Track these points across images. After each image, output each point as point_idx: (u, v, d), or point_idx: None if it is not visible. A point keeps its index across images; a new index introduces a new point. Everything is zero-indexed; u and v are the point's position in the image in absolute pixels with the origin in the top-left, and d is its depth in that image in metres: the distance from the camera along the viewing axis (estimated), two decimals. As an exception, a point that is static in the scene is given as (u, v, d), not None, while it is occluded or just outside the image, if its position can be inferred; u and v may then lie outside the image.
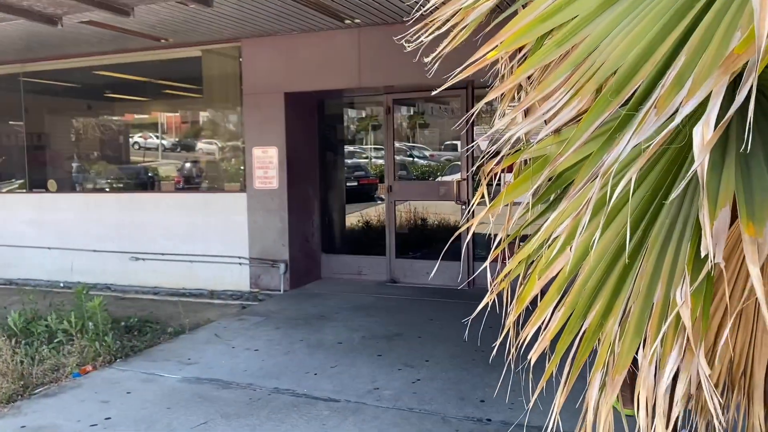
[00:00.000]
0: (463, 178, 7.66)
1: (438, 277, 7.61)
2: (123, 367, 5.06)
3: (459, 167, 8.63)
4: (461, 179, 7.66)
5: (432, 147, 9.23)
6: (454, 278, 7.53)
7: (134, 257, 8.45)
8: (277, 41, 7.52)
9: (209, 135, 9.13)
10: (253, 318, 6.48)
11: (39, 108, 9.80)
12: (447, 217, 8.81)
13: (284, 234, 7.65)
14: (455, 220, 8.25)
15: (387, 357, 5.16)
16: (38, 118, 9.85)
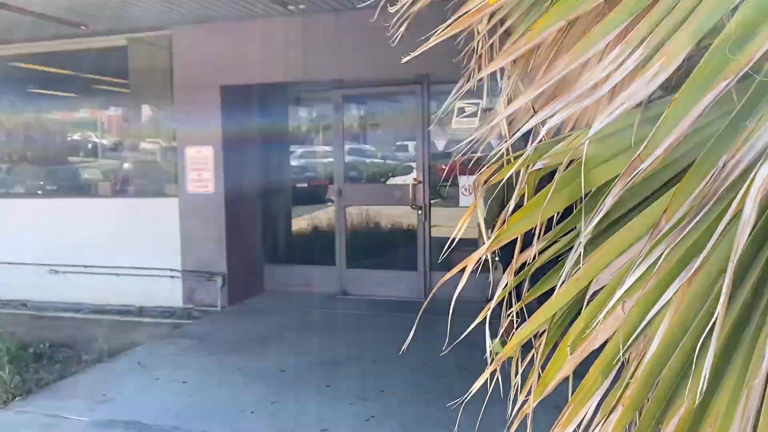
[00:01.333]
0: (418, 180, 7.05)
1: (393, 288, 6.99)
2: (22, 408, 4.24)
3: (411, 168, 8.03)
4: (416, 182, 7.04)
5: (385, 147, 8.59)
6: (411, 290, 6.93)
7: (53, 270, 7.52)
8: (211, 29, 6.75)
9: (138, 134, 8.27)
10: (184, 341, 5.71)
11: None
12: (401, 222, 8.20)
13: (221, 243, 6.88)
14: (410, 224, 7.65)
15: (337, 388, 4.49)
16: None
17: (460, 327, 1.68)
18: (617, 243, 1.05)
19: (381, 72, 6.41)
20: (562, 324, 1.22)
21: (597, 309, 1.06)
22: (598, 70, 0.91)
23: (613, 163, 1.08)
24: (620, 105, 0.88)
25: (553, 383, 1.11)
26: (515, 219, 1.12)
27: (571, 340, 1.08)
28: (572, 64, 0.96)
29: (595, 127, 0.89)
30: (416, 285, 6.97)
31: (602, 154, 1.09)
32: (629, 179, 0.89)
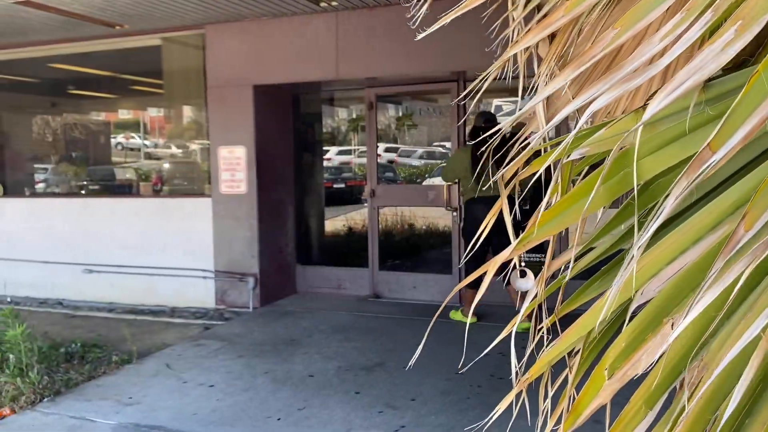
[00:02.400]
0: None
1: (426, 291, 6.82)
2: (49, 408, 4.21)
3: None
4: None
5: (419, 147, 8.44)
6: (445, 293, 6.72)
7: (88, 269, 7.57)
8: (244, 27, 6.69)
9: (172, 134, 8.29)
10: (213, 343, 5.64)
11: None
12: (436, 224, 8.02)
13: (254, 244, 6.81)
14: (445, 225, 7.47)
15: (366, 395, 4.34)
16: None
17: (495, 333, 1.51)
18: (668, 248, 0.87)
19: (415, 70, 6.26)
20: (600, 343, 1.05)
21: (642, 327, 0.88)
22: (654, 42, 0.74)
23: (664, 154, 0.90)
24: (685, 80, 0.71)
25: (587, 412, 0.94)
26: (546, 218, 0.95)
27: (609, 363, 0.91)
28: (621, 37, 0.79)
29: (652, 107, 0.72)
30: (450, 289, 6.76)
31: (650, 143, 0.92)
32: (696, 175, 0.72)
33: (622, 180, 0.88)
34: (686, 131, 0.81)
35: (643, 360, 0.86)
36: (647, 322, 0.86)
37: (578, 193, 0.89)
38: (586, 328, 0.93)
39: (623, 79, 0.76)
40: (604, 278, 1.05)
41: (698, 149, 0.84)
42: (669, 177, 0.93)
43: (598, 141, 0.93)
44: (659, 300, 0.86)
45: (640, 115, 0.92)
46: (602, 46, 0.81)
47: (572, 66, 0.84)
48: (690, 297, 0.83)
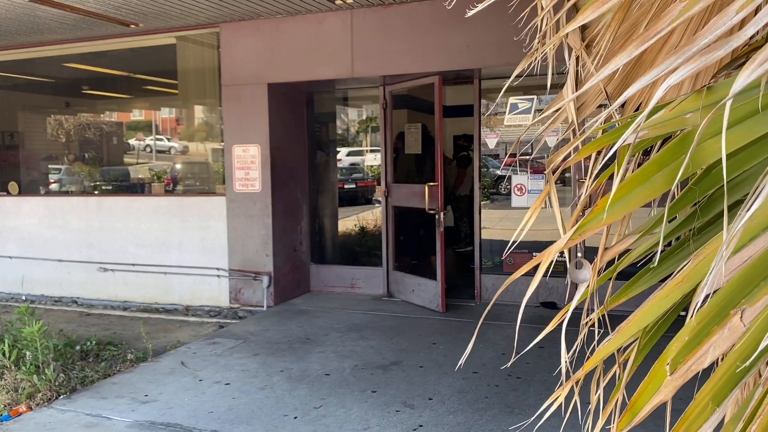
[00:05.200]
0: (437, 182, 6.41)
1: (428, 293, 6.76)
2: (65, 406, 4.20)
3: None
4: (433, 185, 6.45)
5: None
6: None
7: (103, 268, 7.59)
8: (259, 25, 6.67)
9: (187, 133, 8.29)
10: (228, 341, 5.62)
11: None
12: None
13: (268, 243, 6.79)
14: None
15: (383, 393, 4.31)
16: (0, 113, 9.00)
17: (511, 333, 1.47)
18: (735, 236, 0.83)
19: (430, 68, 6.21)
20: (655, 336, 1.00)
21: (707, 319, 0.84)
22: (730, 14, 0.70)
23: (730, 136, 0.86)
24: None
25: (647, 409, 0.89)
26: (601, 207, 0.91)
27: (671, 357, 0.86)
28: (690, 10, 0.75)
29: (742, 78, 0.67)
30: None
31: (713, 125, 0.87)
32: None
33: (677, 168, 0.83)
34: (758, 109, 0.77)
35: (710, 354, 0.82)
36: (713, 314, 0.82)
37: (640, 177, 0.85)
38: (645, 320, 0.89)
39: (701, 51, 0.72)
40: (657, 270, 1.01)
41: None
42: (733, 161, 0.89)
43: (657, 123, 0.89)
44: (726, 290, 0.82)
45: (701, 96, 0.88)
46: (668, 19, 0.77)
47: (636, 42, 0.80)
48: (761, 287, 0.79)
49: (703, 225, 0.91)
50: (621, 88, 1.62)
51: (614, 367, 1.07)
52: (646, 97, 1.52)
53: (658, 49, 1.21)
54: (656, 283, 1.00)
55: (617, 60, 0.84)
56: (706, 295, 0.87)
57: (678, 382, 0.86)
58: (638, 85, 0.79)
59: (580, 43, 1.61)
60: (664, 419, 0.99)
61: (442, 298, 6.31)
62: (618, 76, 1.60)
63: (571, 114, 1.59)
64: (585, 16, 0.94)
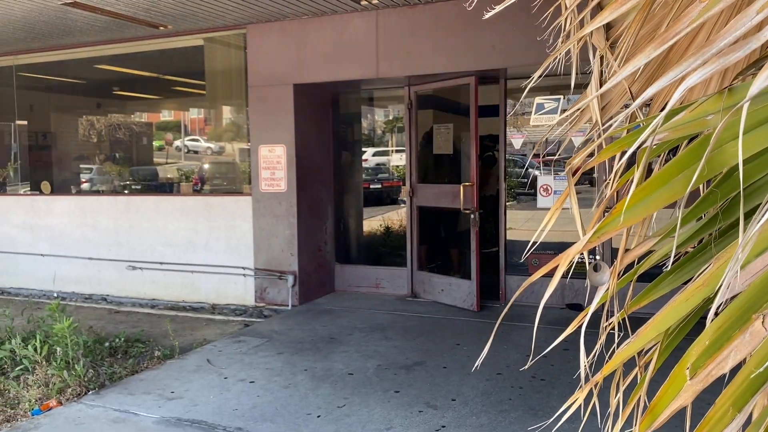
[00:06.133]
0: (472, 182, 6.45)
1: (460, 292, 6.74)
2: (94, 401, 4.28)
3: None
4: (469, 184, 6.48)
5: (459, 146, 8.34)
6: (483, 293, 6.66)
7: (131, 266, 7.72)
8: (286, 26, 6.72)
9: (214, 133, 8.39)
10: (253, 339, 5.67)
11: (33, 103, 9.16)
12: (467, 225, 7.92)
13: (293, 242, 6.84)
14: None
15: (406, 394, 4.31)
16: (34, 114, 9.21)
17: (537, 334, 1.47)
18: (757, 239, 0.82)
19: (455, 68, 6.20)
20: (676, 339, 0.99)
21: (728, 323, 0.83)
22: (750, 15, 0.69)
23: (749, 139, 0.85)
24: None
25: (667, 413, 0.88)
26: (619, 210, 0.90)
27: (691, 361, 0.86)
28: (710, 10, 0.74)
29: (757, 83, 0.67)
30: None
31: (734, 127, 0.86)
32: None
33: (707, 166, 0.82)
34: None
35: (730, 359, 0.81)
36: (734, 318, 0.81)
37: (659, 180, 0.84)
38: (665, 324, 0.88)
39: (719, 53, 0.71)
40: (678, 273, 1.00)
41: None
42: (754, 164, 0.87)
43: (677, 125, 0.88)
44: (748, 294, 0.81)
45: (723, 97, 0.87)
46: (688, 20, 0.76)
47: (654, 44, 0.79)
48: (783, 291, 0.78)
49: (726, 228, 0.90)
50: (646, 88, 1.60)
51: (635, 371, 1.06)
52: (681, 97, 1.50)
53: (685, 48, 1.20)
54: (678, 286, 0.99)
55: (636, 61, 0.83)
56: (727, 298, 0.86)
57: (698, 386, 0.85)
58: (655, 87, 0.78)
59: (605, 43, 1.60)
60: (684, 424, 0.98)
61: (477, 297, 6.32)
62: (643, 76, 1.59)
63: (595, 114, 1.58)
64: (603, 17, 0.94)
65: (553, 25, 1.83)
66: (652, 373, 0.96)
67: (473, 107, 6.24)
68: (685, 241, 0.94)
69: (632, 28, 1.22)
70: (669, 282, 1.00)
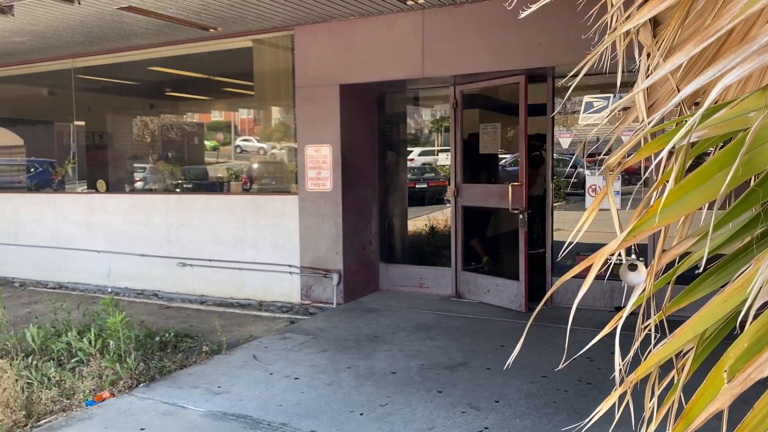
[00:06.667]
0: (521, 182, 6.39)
1: (507, 293, 6.68)
2: (144, 394, 4.41)
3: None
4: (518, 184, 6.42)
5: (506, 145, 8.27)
6: (529, 295, 6.58)
7: (182, 263, 7.92)
8: (332, 27, 6.79)
9: (263, 133, 8.53)
10: (298, 336, 5.75)
11: (90, 104, 9.50)
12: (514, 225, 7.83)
13: (338, 241, 6.90)
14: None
15: (449, 394, 4.30)
16: (91, 115, 9.54)
17: (583, 337, 1.46)
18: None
19: (500, 67, 6.14)
20: (713, 342, 0.97)
21: (767, 326, 0.81)
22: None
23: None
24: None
25: (703, 417, 0.86)
26: (655, 209, 0.89)
27: (729, 364, 0.83)
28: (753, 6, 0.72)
29: None
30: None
31: (776, 125, 0.84)
32: None
33: (747, 164, 0.80)
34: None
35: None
36: None
37: (697, 178, 0.82)
38: (702, 326, 0.86)
39: (759, 50, 0.69)
40: (719, 274, 0.97)
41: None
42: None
43: (717, 123, 0.86)
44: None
45: (764, 95, 0.84)
46: (729, 17, 0.74)
47: (694, 41, 0.78)
48: (826, 293, 0.75)
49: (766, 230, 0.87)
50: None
51: (671, 373, 1.04)
52: (723, 94, 1.46)
53: (731, 44, 1.16)
54: (718, 287, 0.97)
55: (675, 59, 0.81)
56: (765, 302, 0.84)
57: (736, 390, 0.83)
58: (694, 85, 0.76)
59: (651, 39, 1.57)
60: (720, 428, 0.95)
61: (525, 298, 6.27)
62: (691, 74, 1.55)
63: (641, 112, 1.55)
64: (643, 14, 0.92)
65: (600, 22, 1.81)
66: (687, 376, 0.94)
67: (522, 106, 6.18)
68: (726, 242, 0.91)
69: (672, 25, 1.19)
70: (710, 283, 0.98)
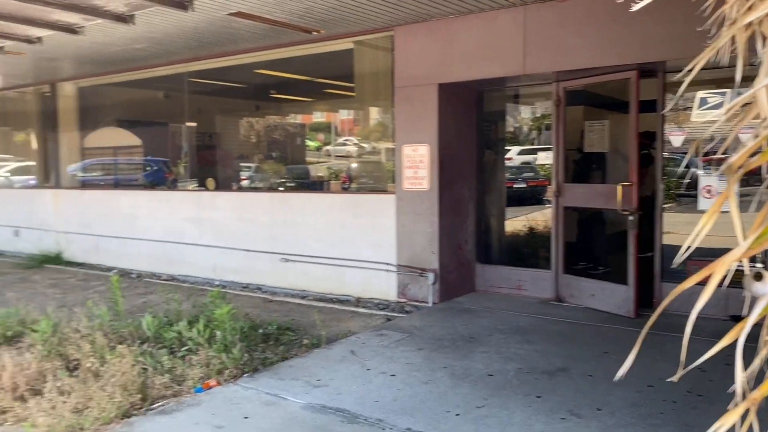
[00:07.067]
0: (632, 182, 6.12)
1: (614, 298, 6.42)
2: (248, 384, 4.60)
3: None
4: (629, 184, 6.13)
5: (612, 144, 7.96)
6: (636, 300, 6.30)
7: (285, 258, 8.18)
8: (432, 27, 6.79)
9: (362, 133, 8.67)
10: (394, 334, 5.80)
11: (200, 106, 10.00)
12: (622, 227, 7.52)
13: (434, 240, 6.90)
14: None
15: (548, 399, 4.19)
16: (201, 116, 10.05)
17: (695, 347, 1.39)
18: None
19: (608, 62, 5.91)
20: None
21: None
22: None
23: None
24: None
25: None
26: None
27: None
28: None
29: None
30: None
31: None
32: None
33: None
34: None
35: None
36: None
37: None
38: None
39: None
40: None
41: None
42: None
43: None
44: None
45: None
46: None
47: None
48: None
49: None
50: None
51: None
52: None
53: None
54: None
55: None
56: None
57: None
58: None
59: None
60: None
61: (634, 303, 6.04)
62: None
63: (765, 109, 1.45)
64: (766, 5, 0.86)
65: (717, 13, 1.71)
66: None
67: (634, 103, 5.92)
68: None
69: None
70: None
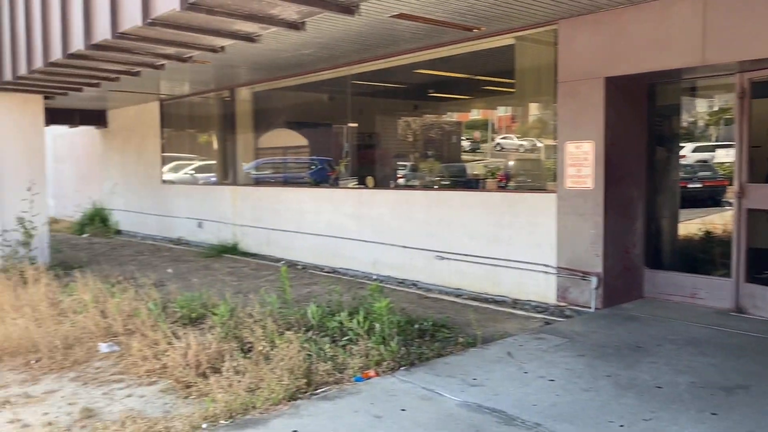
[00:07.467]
0: None
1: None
2: (405, 377, 4.68)
3: None
4: None
5: None
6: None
7: (439, 256, 8.24)
8: (598, 19, 6.47)
9: (521, 130, 8.49)
10: (553, 338, 5.61)
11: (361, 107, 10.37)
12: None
13: (598, 242, 6.57)
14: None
15: (725, 418, 3.84)
16: (362, 117, 10.42)
17: None
18: None
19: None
20: None
21: None
22: None
23: None
24: None
25: None
26: None
27: None
28: None
29: None
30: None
31: None
32: None
33: None
34: None
35: None
36: None
37: None
38: None
39: None
40: None
41: None
42: None
43: None
44: None
45: None
46: None
47: None
48: None
49: None
50: None
51: None
52: None
53: None
54: None
55: None
56: None
57: None
58: None
59: None
60: None
61: None
62: None
63: None
64: None
65: None
66: None
67: (740, 105, 5.24)
68: None
69: None
70: None
